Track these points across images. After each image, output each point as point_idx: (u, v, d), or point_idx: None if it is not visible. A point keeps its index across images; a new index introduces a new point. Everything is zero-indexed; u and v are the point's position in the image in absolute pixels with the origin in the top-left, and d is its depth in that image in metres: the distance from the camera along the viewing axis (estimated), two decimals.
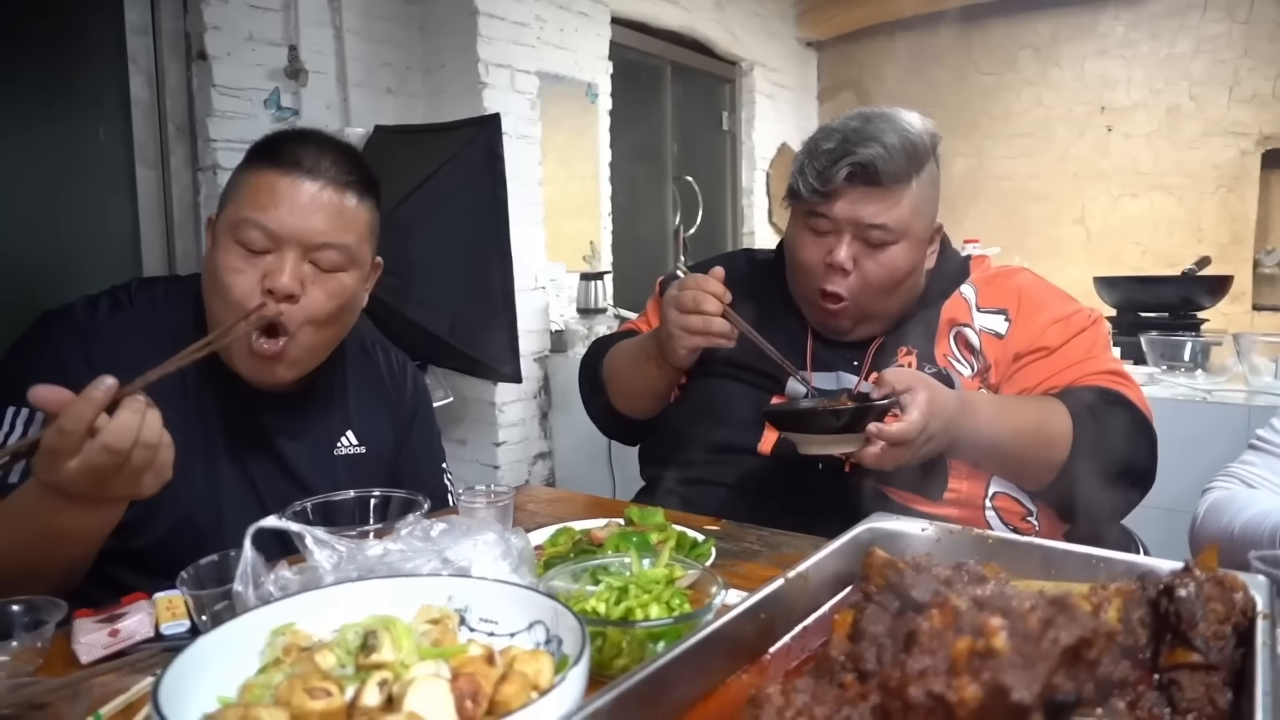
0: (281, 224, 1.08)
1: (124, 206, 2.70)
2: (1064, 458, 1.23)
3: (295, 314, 1.10)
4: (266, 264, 1.09)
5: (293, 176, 1.10)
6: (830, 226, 1.31)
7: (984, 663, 0.46)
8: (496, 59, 3.28)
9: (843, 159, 1.26)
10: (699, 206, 4.71)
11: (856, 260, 1.30)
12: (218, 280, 1.09)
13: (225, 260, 1.08)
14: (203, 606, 0.83)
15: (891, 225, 1.28)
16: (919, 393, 1.13)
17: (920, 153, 1.29)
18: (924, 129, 1.31)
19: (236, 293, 1.08)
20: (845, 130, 1.29)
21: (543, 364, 3.56)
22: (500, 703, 0.59)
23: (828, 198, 1.28)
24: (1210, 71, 4.53)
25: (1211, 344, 2.47)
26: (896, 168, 1.26)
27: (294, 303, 1.09)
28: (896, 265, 1.30)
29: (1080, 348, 1.33)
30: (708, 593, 0.79)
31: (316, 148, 1.13)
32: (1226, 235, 4.55)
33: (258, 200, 1.09)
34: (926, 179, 1.31)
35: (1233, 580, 0.62)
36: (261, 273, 1.08)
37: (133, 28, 2.66)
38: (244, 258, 1.09)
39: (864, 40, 5.52)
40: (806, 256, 1.34)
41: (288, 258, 1.09)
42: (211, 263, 1.10)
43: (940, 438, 1.16)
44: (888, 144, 1.25)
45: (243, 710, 0.55)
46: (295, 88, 2.93)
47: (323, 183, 1.11)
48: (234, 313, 1.08)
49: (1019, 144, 5.07)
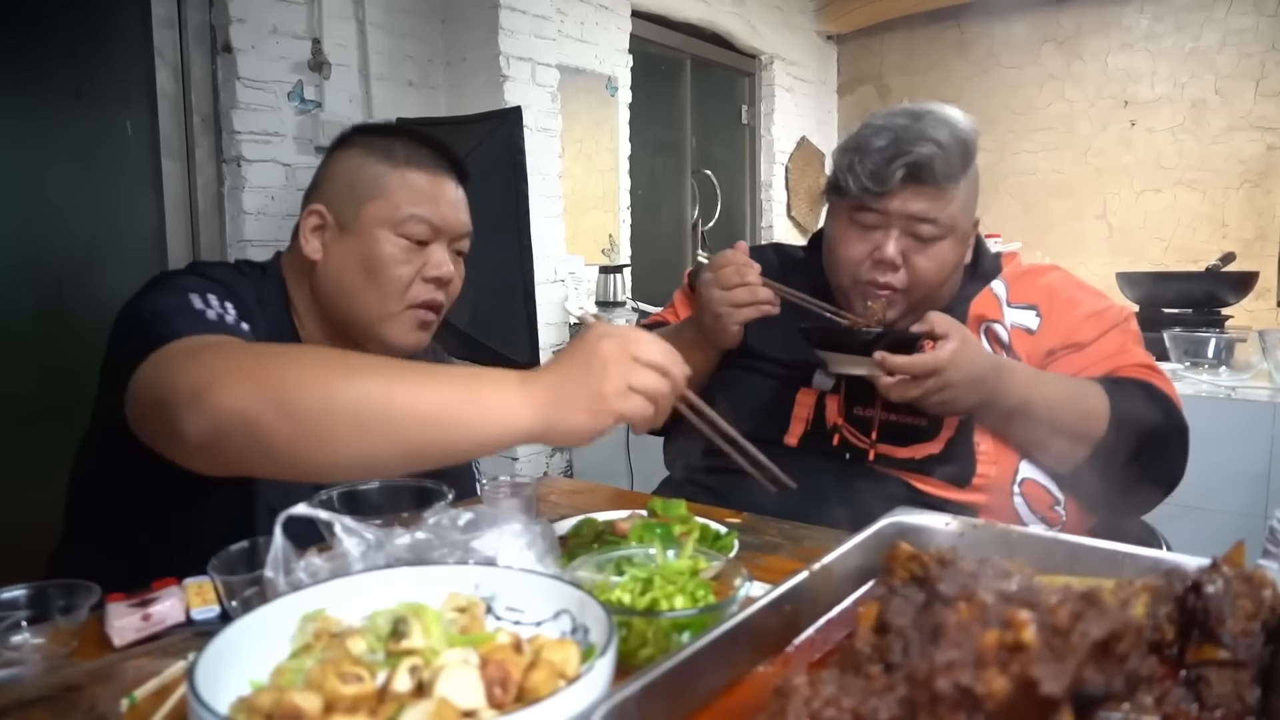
0: (445, 219, 1.23)
1: (149, 198, 2.72)
2: (1099, 435, 1.23)
3: (448, 297, 1.27)
4: (427, 255, 1.22)
5: (440, 175, 1.25)
6: (879, 221, 1.30)
7: (1012, 656, 0.47)
8: (518, 52, 3.28)
9: (898, 158, 1.25)
10: (718, 200, 4.70)
11: (905, 255, 1.30)
12: (383, 270, 1.20)
13: (390, 252, 1.20)
14: (233, 592, 0.84)
15: (942, 221, 1.28)
16: (950, 341, 1.17)
17: (970, 150, 1.29)
18: (969, 124, 1.30)
19: (402, 282, 1.20)
20: (895, 128, 1.27)
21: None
22: (529, 690, 0.59)
23: (880, 196, 1.28)
24: (1236, 65, 4.47)
25: (1236, 340, 2.45)
26: (951, 167, 1.26)
27: (447, 287, 1.26)
28: (945, 260, 1.31)
29: (1114, 343, 1.32)
30: (732, 585, 0.79)
31: (433, 146, 1.27)
32: (1251, 231, 4.49)
33: (418, 198, 1.21)
34: (972, 175, 1.32)
35: (1261, 577, 0.62)
36: (422, 262, 1.22)
37: (159, 20, 2.69)
38: (407, 249, 1.21)
39: (884, 34, 5.48)
40: (852, 252, 1.33)
41: (445, 249, 1.24)
42: (373, 253, 1.20)
43: (960, 390, 1.18)
44: (943, 142, 1.25)
45: (276, 694, 0.56)
46: (318, 80, 2.95)
47: (454, 180, 1.27)
48: (395, 300, 1.21)
49: (1041, 138, 5.02)
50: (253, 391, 0.77)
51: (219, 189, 2.83)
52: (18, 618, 0.81)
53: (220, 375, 0.79)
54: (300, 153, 2.94)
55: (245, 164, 2.79)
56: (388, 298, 1.20)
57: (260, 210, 2.84)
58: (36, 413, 2.50)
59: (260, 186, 2.84)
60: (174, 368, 0.87)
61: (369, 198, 1.21)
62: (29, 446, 2.45)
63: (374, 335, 1.22)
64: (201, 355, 0.86)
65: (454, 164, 1.29)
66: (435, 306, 1.25)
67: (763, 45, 4.96)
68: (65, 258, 2.57)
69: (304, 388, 0.76)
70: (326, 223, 1.23)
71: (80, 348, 2.53)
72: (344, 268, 1.22)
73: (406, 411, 0.76)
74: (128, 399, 0.92)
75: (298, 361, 0.81)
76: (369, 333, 1.22)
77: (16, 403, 2.46)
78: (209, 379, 0.79)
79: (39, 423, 2.49)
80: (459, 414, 0.77)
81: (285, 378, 0.77)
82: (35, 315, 2.51)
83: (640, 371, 0.81)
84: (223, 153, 2.81)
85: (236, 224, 2.81)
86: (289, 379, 0.77)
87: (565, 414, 0.79)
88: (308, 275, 1.24)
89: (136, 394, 0.91)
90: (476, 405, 0.77)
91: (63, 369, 2.51)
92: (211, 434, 0.79)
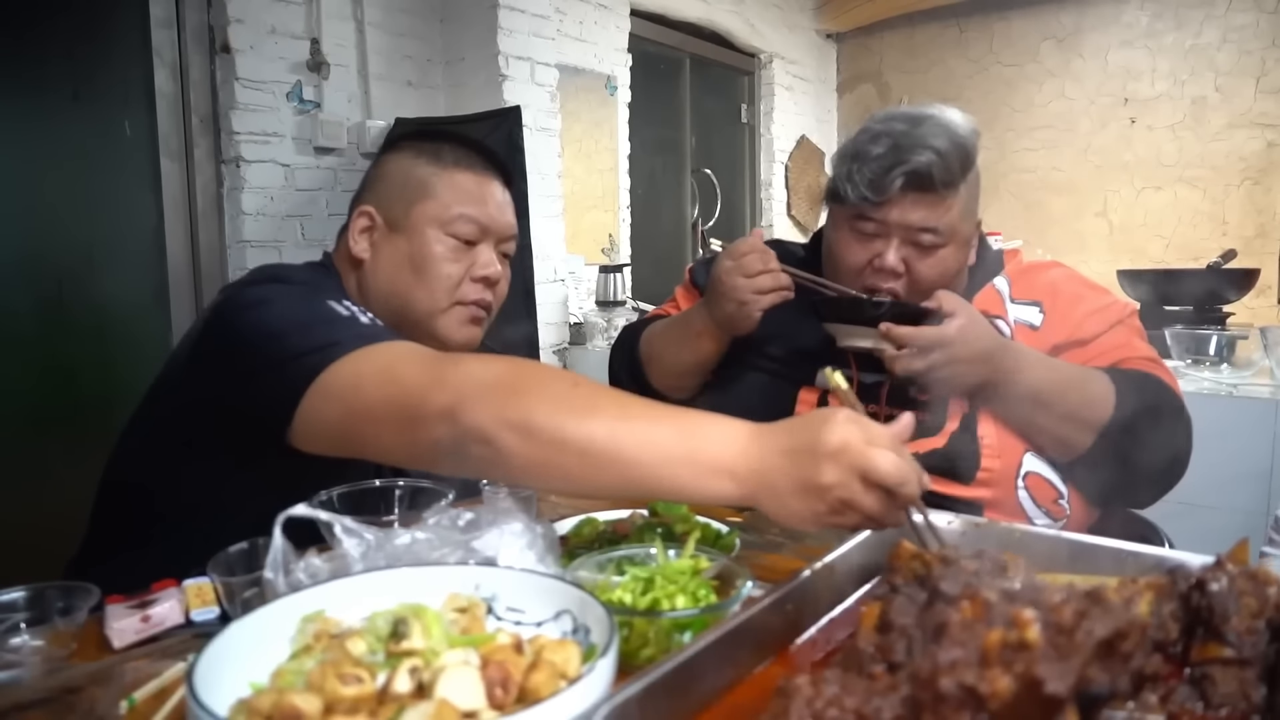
0: (493, 220, 1.26)
1: (148, 198, 2.72)
2: (1104, 420, 1.22)
3: (496, 297, 1.29)
4: (476, 255, 1.25)
5: (487, 177, 1.28)
6: (878, 230, 1.30)
7: (1016, 655, 0.46)
8: (516, 52, 3.28)
9: (896, 166, 1.24)
10: (717, 199, 4.70)
11: (907, 263, 1.30)
12: (432, 268, 1.22)
13: (438, 250, 1.23)
14: (232, 593, 0.84)
15: (942, 229, 1.27)
16: (957, 318, 1.17)
17: (970, 155, 1.28)
18: (969, 128, 1.29)
19: (451, 280, 1.23)
20: (894, 134, 1.26)
21: (562, 356, 3.57)
22: (530, 691, 0.59)
23: (878, 205, 1.27)
24: (1237, 62, 4.47)
25: (1237, 338, 2.44)
26: (950, 174, 1.25)
27: (495, 288, 1.28)
28: (947, 267, 1.31)
29: (1117, 338, 1.32)
30: (734, 584, 0.79)
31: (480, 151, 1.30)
32: (1252, 228, 4.49)
33: (466, 198, 1.24)
34: (972, 179, 1.31)
35: (1266, 574, 0.62)
36: (470, 261, 1.24)
37: (157, 21, 2.69)
38: (455, 248, 1.24)
39: (884, 32, 5.48)
40: (853, 260, 1.33)
41: (491, 249, 1.27)
42: (421, 251, 1.23)
43: (964, 366, 1.18)
44: (941, 150, 1.24)
45: (276, 695, 0.56)
46: (317, 80, 2.95)
47: (501, 183, 1.30)
48: (444, 298, 1.23)
49: (1041, 136, 5.02)
50: (498, 414, 0.80)
51: (218, 189, 2.83)
52: (16, 620, 0.80)
53: (470, 394, 0.82)
54: (299, 153, 2.94)
55: (244, 164, 2.79)
56: (437, 294, 1.23)
57: (259, 211, 2.84)
58: (35, 412, 2.50)
59: (259, 187, 2.84)
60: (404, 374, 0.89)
61: (418, 198, 1.24)
62: (28, 445, 2.45)
63: (426, 331, 1.24)
64: (443, 367, 0.88)
65: (501, 167, 1.31)
66: (485, 305, 1.27)
67: (762, 44, 4.96)
68: (64, 259, 2.57)
69: (541, 418, 0.79)
70: (375, 223, 1.25)
71: (79, 348, 2.53)
72: (394, 266, 1.24)
73: (629, 458, 0.77)
74: (307, 397, 0.93)
75: (540, 386, 0.82)
76: (421, 329, 1.24)
77: (16, 402, 2.46)
78: (461, 394, 0.83)
79: (38, 422, 2.49)
80: (676, 473, 0.77)
81: (526, 404, 0.80)
82: (35, 316, 2.51)
83: (865, 494, 0.72)
84: (221, 153, 2.81)
85: (235, 224, 2.81)
86: (529, 406, 0.80)
87: (777, 505, 0.76)
88: (354, 274, 1.27)
89: (337, 394, 0.93)
90: (694, 467, 0.77)
91: (62, 369, 2.51)
92: (457, 445, 0.83)
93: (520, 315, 2.86)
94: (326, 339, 0.96)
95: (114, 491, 1.22)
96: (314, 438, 0.96)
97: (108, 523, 1.22)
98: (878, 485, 0.72)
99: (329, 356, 0.93)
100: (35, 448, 2.45)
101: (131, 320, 2.62)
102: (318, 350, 0.94)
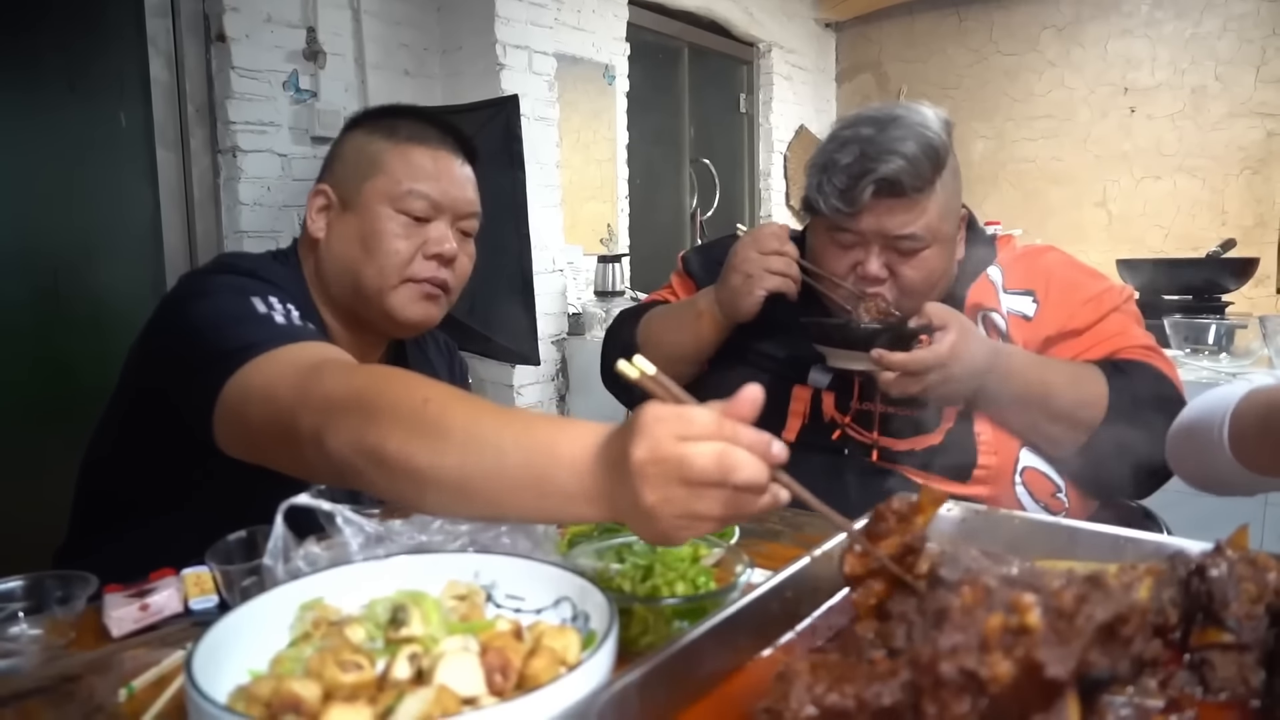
0: (447, 195, 1.22)
1: (144, 189, 2.71)
2: (1098, 419, 1.22)
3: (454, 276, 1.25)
4: (428, 231, 1.21)
5: (444, 152, 1.24)
6: (856, 240, 1.29)
7: (1017, 639, 0.46)
8: (514, 40, 3.27)
9: (864, 176, 1.22)
10: (716, 189, 4.69)
11: (890, 268, 1.28)
12: (380, 244, 1.19)
13: (388, 227, 1.20)
14: (231, 582, 0.84)
15: (921, 233, 1.25)
16: (949, 333, 1.16)
17: (941, 154, 1.25)
18: (940, 124, 1.26)
19: (400, 256, 1.20)
20: (860, 140, 1.24)
21: (560, 346, 3.57)
22: (529, 677, 0.59)
23: (852, 215, 1.26)
24: (1237, 51, 4.46)
25: (1236, 327, 2.44)
26: (921, 178, 1.23)
27: (452, 266, 1.24)
28: (932, 268, 1.29)
29: (1113, 325, 1.31)
30: (733, 571, 0.79)
31: (440, 126, 1.27)
32: (1251, 218, 4.49)
33: (419, 174, 1.21)
34: (949, 176, 1.28)
35: (1265, 560, 0.62)
36: (422, 239, 1.21)
37: (152, 9, 2.67)
38: (406, 225, 1.21)
39: (883, 21, 5.46)
40: (836, 268, 1.32)
41: (446, 226, 1.23)
42: (370, 228, 1.20)
43: (961, 383, 1.18)
44: (909, 155, 1.21)
45: (275, 682, 0.56)
46: (313, 70, 2.93)
47: (460, 159, 1.26)
48: (393, 275, 1.20)
49: (1040, 125, 5.01)
50: (355, 442, 0.76)
51: (214, 180, 2.81)
52: (15, 609, 0.80)
53: (330, 417, 0.79)
54: (296, 143, 2.92)
55: (241, 154, 2.77)
56: (387, 272, 1.20)
57: (256, 201, 2.83)
58: (32, 404, 2.49)
59: (256, 177, 2.82)
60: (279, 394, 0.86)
61: (370, 174, 1.22)
62: (25, 438, 2.45)
63: (379, 309, 1.22)
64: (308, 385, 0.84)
65: (461, 142, 1.28)
66: (439, 283, 1.23)
67: (761, 33, 4.94)
68: (61, 250, 2.56)
69: (393, 448, 0.74)
70: (331, 202, 1.24)
71: (76, 339, 2.52)
72: (345, 244, 1.22)
73: (478, 491, 0.72)
74: (217, 407, 0.92)
75: (391, 407, 0.77)
76: (374, 307, 1.22)
77: (12, 393, 2.46)
78: (324, 416, 0.79)
79: (35, 414, 2.49)
80: (534, 504, 0.70)
81: (379, 431, 0.75)
82: (31, 307, 2.50)
83: (697, 499, 0.62)
84: (218, 143, 2.79)
85: (232, 215, 2.80)
86: (382, 434, 0.75)
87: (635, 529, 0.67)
88: (312, 255, 1.26)
89: (234, 407, 0.92)
90: (544, 498, 0.69)
91: (59, 361, 2.50)
92: (334, 469, 0.80)
93: (519, 306, 2.86)
94: (238, 341, 0.94)
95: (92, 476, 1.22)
96: (231, 448, 0.95)
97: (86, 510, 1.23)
98: (704, 484, 0.61)
99: (236, 362, 0.92)
100: (31, 439, 2.45)
101: (128, 312, 2.59)
102: (228, 355, 0.93)
